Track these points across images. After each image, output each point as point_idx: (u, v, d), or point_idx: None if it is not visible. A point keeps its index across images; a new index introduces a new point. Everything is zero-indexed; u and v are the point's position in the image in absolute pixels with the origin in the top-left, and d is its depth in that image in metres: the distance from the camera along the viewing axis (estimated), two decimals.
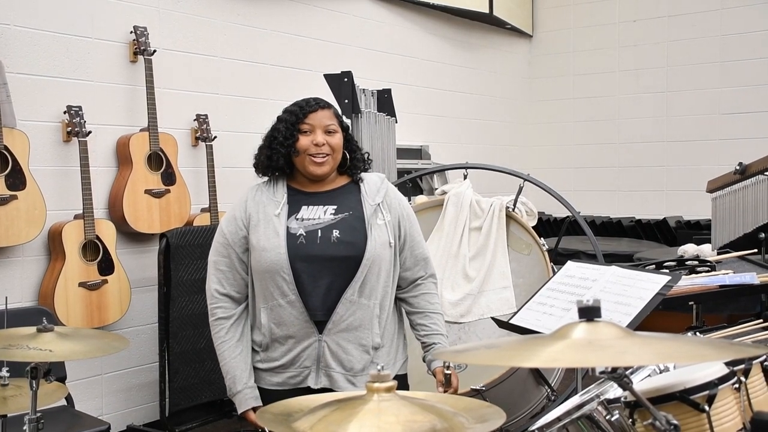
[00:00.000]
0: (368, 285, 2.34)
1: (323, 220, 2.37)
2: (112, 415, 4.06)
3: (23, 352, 2.02)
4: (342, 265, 2.33)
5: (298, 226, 2.36)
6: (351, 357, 2.35)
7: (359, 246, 2.34)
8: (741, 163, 3.36)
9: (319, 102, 2.44)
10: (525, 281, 3.73)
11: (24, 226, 3.58)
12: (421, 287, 2.53)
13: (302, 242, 2.34)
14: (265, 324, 2.36)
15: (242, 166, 4.74)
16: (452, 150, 6.37)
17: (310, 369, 2.35)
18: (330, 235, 2.34)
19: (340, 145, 2.42)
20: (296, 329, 2.33)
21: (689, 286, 2.95)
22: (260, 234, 2.36)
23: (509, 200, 3.94)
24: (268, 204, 2.40)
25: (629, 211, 6.97)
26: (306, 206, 2.40)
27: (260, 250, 2.34)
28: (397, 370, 2.46)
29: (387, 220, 2.42)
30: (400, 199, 2.53)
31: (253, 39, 4.84)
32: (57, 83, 3.86)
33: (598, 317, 1.49)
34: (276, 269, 2.31)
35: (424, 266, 2.54)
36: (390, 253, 2.41)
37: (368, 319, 2.35)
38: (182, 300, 3.99)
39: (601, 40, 7.20)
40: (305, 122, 2.39)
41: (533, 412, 3.57)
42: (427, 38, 6.31)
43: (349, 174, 2.49)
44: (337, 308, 2.32)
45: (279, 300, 2.33)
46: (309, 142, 2.38)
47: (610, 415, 1.70)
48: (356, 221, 2.39)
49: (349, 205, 2.42)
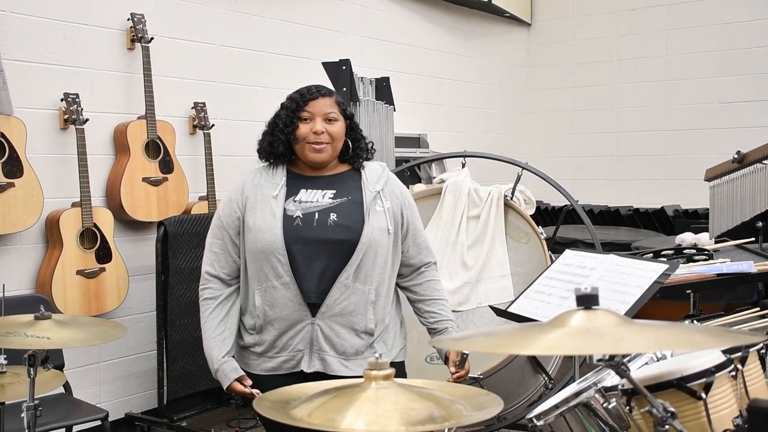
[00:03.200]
0: (363, 270, 2.34)
1: (321, 204, 2.37)
2: (110, 402, 4.07)
3: (21, 339, 2.02)
4: (338, 248, 2.32)
5: (295, 208, 2.36)
6: (344, 341, 2.34)
7: (356, 230, 2.34)
8: (739, 152, 3.36)
9: (320, 89, 2.43)
10: (523, 269, 3.74)
11: (21, 214, 3.57)
12: (425, 274, 2.53)
13: (299, 224, 2.33)
14: (259, 306, 2.36)
15: (240, 154, 4.74)
16: (450, 138, 6.36)
17: (303, 352, 2.35)
18: (327, 219, 2.34)
19: (340, 133, 2.41)
20: (290, 311, 2.33)
21: (687, 274, 2.95)
22: (257, 215, 2.36)
23: (507, 189, 3.94)
24: (267, 186, 2.40)
25: (627, 199, 6.97)
26: (305, 189, 2.40)
27: (256, 231, 2.34)
28: (393, 356, 2.46)
29: (386, 207, 2.41)
30: (401, 188, 2.53)
31: (252, 26, 4.82)
32: (54, 70, 3.84)
33: (595, 305, 1.50)
34: (271, 250, 2.31)
35: (427, 254, 2.54)
36: (388, 240, 2.40)
37: (362, 305, 2.35)
38: (180, 288, 3.99)
39: (600, 29, 7.19)
40: (305, 110, 2.39)
41: (531, 400, 3.59)
42: (425, 26, 6.29)
43: (351, 162, 2.48)
44: (331, 292, 2.31)
45: (273, 282, 2.32)
46: (308, 129, 2.38)
47: (608, 402, 1.71)
48: (354, 206, 2.38)
49: (348, 190, 2.42)
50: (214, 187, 4.35)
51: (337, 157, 2.45)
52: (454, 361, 2.40)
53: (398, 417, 1.37)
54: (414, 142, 5.90)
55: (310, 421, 1.40)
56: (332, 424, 1.37)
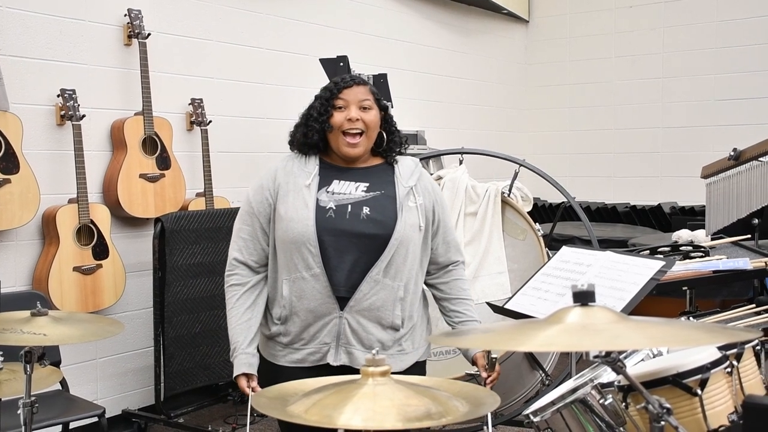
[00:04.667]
0: (394, 266, 2.31)
1: (354, 196, 2.35)
2: (107, 399, 4.07)
3: (17, 336, 2.02)
4: (369, 242, 2.30)
5: (328, 199, 2.33)
6: (370, 335, 2.32)
7: (388, 225, 2.31)
8: (735, 149, 3.35)
9: (354, 78, 2.41)
10: (520, 266, 3.74)
11: (18, 210, 3.57)
12: (452, 273, 2.51)
13: (331, 216, 2.31)
14: (287, 296, 2.33)
15: (237, 151, 4.74)
16: (448, 135, 6.36)
17: (330, 345, 2.32)
18: (360, 212, 2.32)
19: (374, 122, 2.38)
20: (318, 303, 2.30)
21: (683, 271, 2.95)
22: (289, 204, 2.33)
23: (505, 185, 3.94)
24: (299, 174, 2.37)
25: (624, 196, 6.98)
26: (337, 180, 2.38)
27: (287, 221, 2.31)
28: (419, 356, 2.44)
29: (419, 204, 2.39)
30: (433, 185, 2.51)
31: (249, 23, 4.82)
32: (50, 66, 3.84)
33: (592, 302, 1.50)
34: (302, 241, 2.28)
35: (455, 252, 2.52)
36: (419, 237, 2.37)
37: (391, 301, 2.32)
38: (177, 285, 3.99)
39: (598, 26, 7.19)
40: (339, 97, 2.37)
41: (527, 397, 3.59)
42: (423, 23, 6.29)
43: (384, 155, 2.46)
44: (360, 286, 2.29)
45: (303, 273, 2.30)
46: (343, 117, 2.35)
47: (604, 399, 1.71)
48: (387, 201, 2.36)
49: (381, 184, 2.39)
50: (211, 183, 4.34)
51: (370, 149, 2.43)
52: (484, 365, 2.38)
53: (395, 413, 1.37)
54: (411, 139, 5.89)
55: (307, 417, 1.40)
56: (329, 421, 1.37)
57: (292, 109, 5.23)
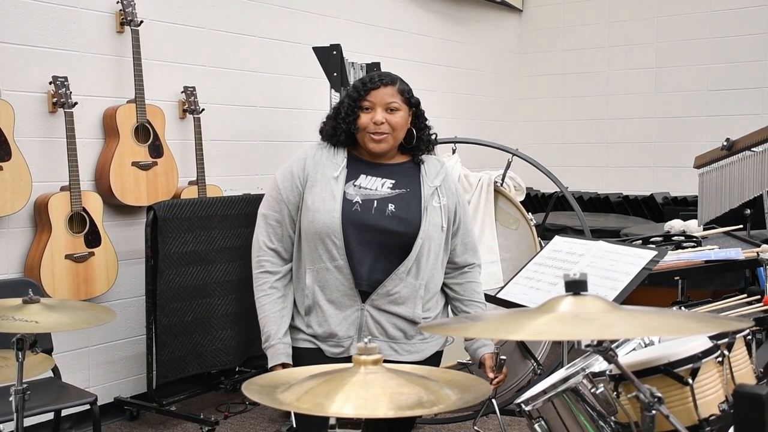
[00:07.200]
0: (417, 264, 2.34)
1: (380, 193, 2.36)
2: (99, 387, 4.07)
3: (9, 323, 2.01)
4: (392, 239, 2.32)
5: (355, 193, 2.35)
6: (392, 326, 2.35)
7: (412, 224, 2.33)
8: (728, 139, 3.36)
9: (382, 78, 2.40)
10: (512, 256, 3.75)
11: (9, 198, 3.56)
12: (468, 275, 2.52)
13: (357, 209, 2.32)
14: (309, 286, 2.35)
15: (230, 139, 4.73)
16: (441, 124, 6.30)
17: (353, 339, 2.34)
18: (385, 208, 2.33)
19: (401, 123, 2.38)
20: (340, 294, 2.32)
21: (675, 261, 2.97)
22: (316, 195, 2.34)
23: (497, 175, 3.95)
24: (328, 165, 2.38)
25: (617, 186, 6.99)
26: (364, 175, 2.39)
27: (314, 212, 2.32)
28: (440, 345, 2.48)
29: (442, 204, 2.41)
30: (456, 185, 2.52)
31: (242, 10, 4.79)
32: (42, 53, 3.81)
33: (584, 291, 1.50)
34: (327, 232, 2.30)
35: (472, 255, 2.53)
36: (441, 237, 2.40)
37: (412, 298, 2.35)
38: (170, 273, 3.98)
39: (591, 16, 7.18)
40: (366, 99, 2.37)
41: (519, 386, 3.61)
42: (416, 12, 6.27)
43: (412, 153, 2.47)
44: (385, 282, 2.31)
45: (327, 263, 2.32)
46: (368, 120, 2.36)
47: (595, 388, 1.72)
48: (413, 199, 2.38)
49: (407, 182, 2.41)
50: (204, 171, 4.33)
51: (398, 146, 2.43)
52: (492, 366, 2.39)
53: (387, 401, 1.37)
54: None
55: (298, 405, 1.40)
56: (321, 409, 1.37)
57: (285, 98, 5.22)
